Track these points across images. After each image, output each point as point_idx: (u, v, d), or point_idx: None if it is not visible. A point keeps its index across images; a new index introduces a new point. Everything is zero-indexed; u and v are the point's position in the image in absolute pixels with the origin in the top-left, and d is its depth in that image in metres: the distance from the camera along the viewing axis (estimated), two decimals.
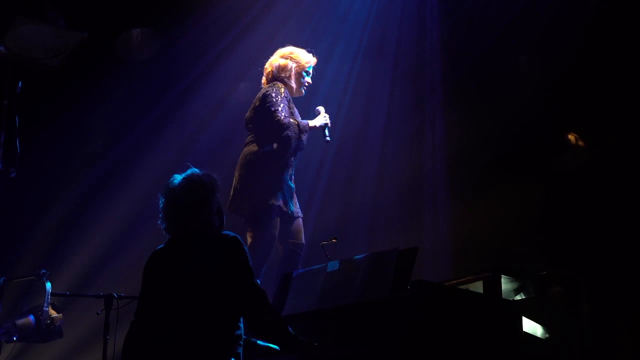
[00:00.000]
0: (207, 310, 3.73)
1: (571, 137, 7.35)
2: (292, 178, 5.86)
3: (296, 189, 5.93)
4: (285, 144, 5.73)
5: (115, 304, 5.14)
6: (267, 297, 3.90)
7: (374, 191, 7.70)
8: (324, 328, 4.16)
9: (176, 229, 3.95)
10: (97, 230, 7.45)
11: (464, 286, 4.51)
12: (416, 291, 4.01)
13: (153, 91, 7.87)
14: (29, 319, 5.45)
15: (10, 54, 5.84)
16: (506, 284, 4.51)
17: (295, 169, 5.94)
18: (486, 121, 7.40)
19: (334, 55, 7.76)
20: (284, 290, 4.64)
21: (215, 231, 3.96)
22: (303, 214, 5.95)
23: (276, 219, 5.70)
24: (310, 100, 6.36)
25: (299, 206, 5.91)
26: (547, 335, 4.56)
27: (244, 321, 3.85)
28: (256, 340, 3.98)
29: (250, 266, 3.87)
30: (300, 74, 6.00)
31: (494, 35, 7.50)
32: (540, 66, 7.41)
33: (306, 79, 6.04)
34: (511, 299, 4.62)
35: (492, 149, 7.45)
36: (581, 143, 7.30)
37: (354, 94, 7.83)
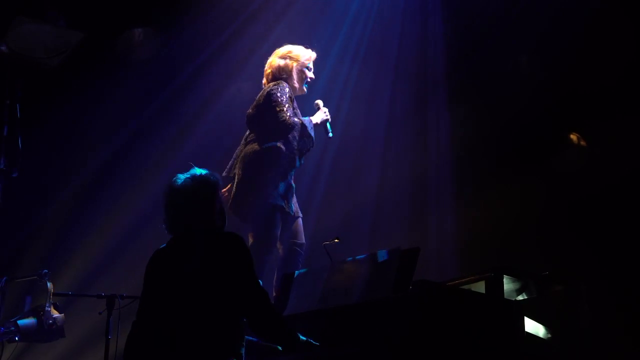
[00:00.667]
0: (209, 310, 3.73)
1: (573, 137, 7.35)
2: (292, 178, 5.83)
3: (298, 188, 5.92)
4: (289, 144, 5.69)
5: (117, 304, 5.14)
6: (269, 298, 3.91)
7: (376, 191, 7.69)
8: (326, 328, 4.14)
9: (178, 227, 3.95)
10: (99, 230, 7.45)
11: (466, 286, 4.51)
12: (418, 291, 4.01)
13: (155, 89, 7.87)
14: (31, 318, 5.46)
15: (11, 53, 5.85)
16: (508, 284, 4.52)
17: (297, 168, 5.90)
18: (488, 121, 7.40)
19: (334, 55, 7.75)
20: (285, 290, 4.63)
21: (217, 230, 3.97)
22: (305, 214, 5.93)
23: (278, 219, 5.64)
24: (310, 98, 6.31)
25: (297, 204, 5.87)
26: (549, 336, 4.57)
27: (246, 321, 3.86)
28: (258, 340, 3.98)
29: (252, 266, 3.87)
30: (302, 71, 5.94)
31: (495, 36, 7.49)
32: (541, 66, 7.41)
33: (308, 74, 5.98)
34: (513, 299, 4.62)
35: (493, 149, 7.45)
36: (583, 143, 7.30)
37: (355, 94, 7.82)
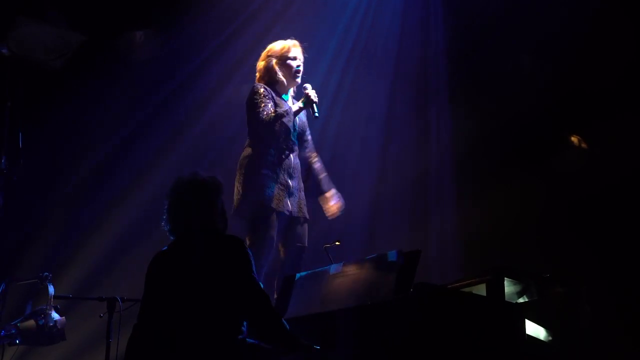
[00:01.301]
0: (209, 313, 3.74)
1: (574, 139, 7.35)
2: (293, 176, 5.66)
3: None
4: (275, 141, 5.56)
5: (118, 306, 5.14)
6: (270, 300, 3.91)
7: (377, 192, 7.68)
8: (327, 331, 4.14)
9: (179, 229, 3.96)
10: (99, 232, 7.43)
11: (467, 289, 4.52)
12: (419, 294, 4.02)
13: (155, 90, 7.85)
14: (31, 321, 5.45)
15: (12, 55, 5.85)
16: (509, 287, 4.52)
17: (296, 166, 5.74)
18: (488, 121, 7.40)
19: (333, 55, 7.74)
20: (286, 293, 4.64)
21: (218, 233, 3.97)
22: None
23: (272, 220, 5.50)
24: None
25: (302, 207, 5.68)
26: (550, 338, 4.57)
27: (247, 324, 3.86)
28: (259, 342, 3.98)
29: (253, 269, 3.87)
30: (284, 64, 5.70)
31: (495, 36, 7.49)
32: (542, 66, 7.41)
33: (293, 64, 5.71)
34: (514, 301, 4.62)
35: (494, 149, 7.45)
36: (584, 145, 7.30)
37: (355, 94, 7.81)
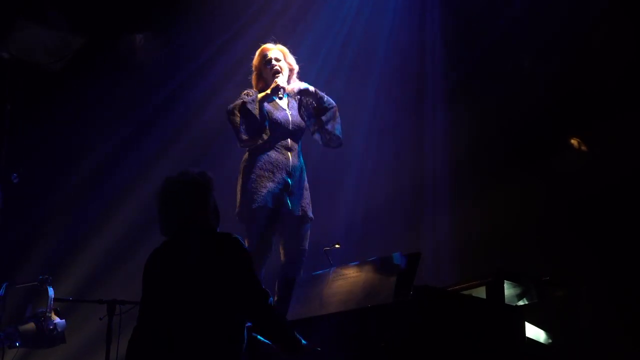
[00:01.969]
0: (208, 312, 3.72)
1: (574, 141, 7.34)
2: (293, 175, 5.60)
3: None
4: (232, 125, 5.57)
5: (118, 309, 5.13)
6: (270, 298, 3.89)
7: (375, 194, 7.67)
8: (327, 333, 4.15)
9: (171, 227, 3.92)
10: (100, 236, 7.44)
11: (466, 291, 4.52)
12: (419, 297, 4.03)
13: (155, 92, 7.86)
14: (31, 324, 5.46)
15: (13, 58, 5.84)
16: (509, 289, 4.52)
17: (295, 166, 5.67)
18: (486, 122, 7.39)
19: (329, 58, 7.73)
20: (286, 296, 4.64)
21: (213, 231, 3.94)
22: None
23: (271, 222, 5.48)
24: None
25: (304, 206, 5.62)
26: (550, 341, 4.57)
27: (248, 323, 3.85)
28: (260, 342, 3.98)
29: (251, 266, 3.84)
30: (263, 71, 5.79)
31: (494, 36, 7.48)
32: (541, 66, 7.41)
33: (268, 67, 5.75)
34: (514, 304, 4.63)
35: (493, 149, 7.44)
36: (584, 148, 7.29)
37: (356, 94, 7.80)
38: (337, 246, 4.93)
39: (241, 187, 5.59)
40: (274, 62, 5.77)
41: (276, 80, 5.65)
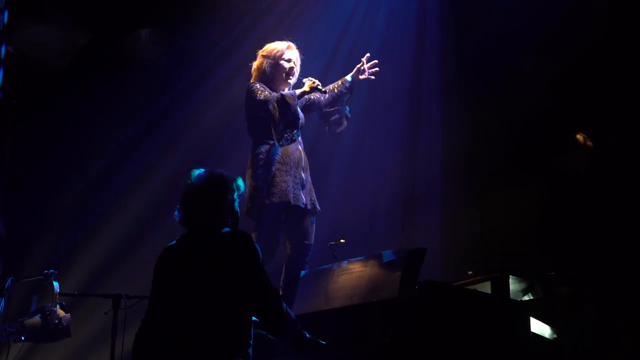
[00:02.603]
0: (216, 309, 3.75)
1: (580, 137, 7.35)
2: (305, 169, 5.64)
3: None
4: (275, 129, 5.52)
5: (123, 303, 5.13)
6: (279, 295, 3.93)
7: (381, 192, 7.68)
8: (332, 328, 4.16)
9: (189, 220, 3.99)
10: (105, 230, 7.43)
11: (471, 287, 4.54)
12: (424, 292, 4.03)
13: (161, 90, 7.85)
14: (37, 318, 5.45)
15: (18, 54, 5.86)
16: (514, 285, 4.54)
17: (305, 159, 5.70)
18: (489, 121, 7.40)
19: (329, 56, 7.74)
20: (291, 291, 4.66)
21: (227, 229, 3.98)
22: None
23: (282, 216, 5.51)
24: None
25: (314, 200, 5.64)
26: (555, 336, 4.59)
27: (256, 318, 3.88)
28: (267, 338, 4.00)
29: (261, 264, 3.89)
30: (277, 65, 5.72)
31: (495, 35, 7.49)
32: (542, 66, 7.42)
33: (286, 66, 5.74)
34: (519, 299, 4.65)
35: (494, 149, 7.45)
36: (590, 143, 7.30)
37: (355, 94, 7.79)
38: (342, 241, 4.96)
39: (254, 180, 5.55)
40: (293, 63, 5.79)
41: (314, 80, 5.67)
